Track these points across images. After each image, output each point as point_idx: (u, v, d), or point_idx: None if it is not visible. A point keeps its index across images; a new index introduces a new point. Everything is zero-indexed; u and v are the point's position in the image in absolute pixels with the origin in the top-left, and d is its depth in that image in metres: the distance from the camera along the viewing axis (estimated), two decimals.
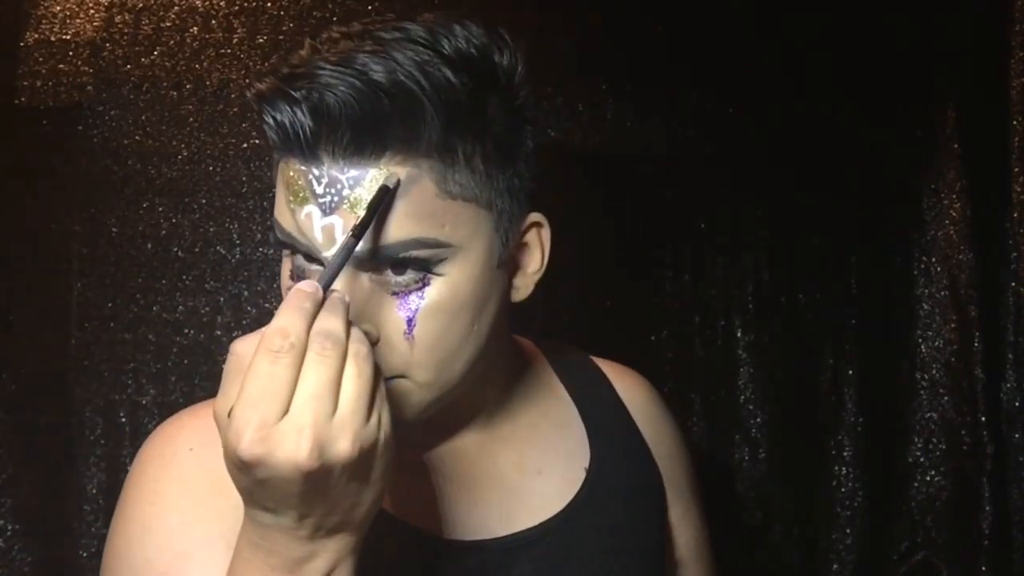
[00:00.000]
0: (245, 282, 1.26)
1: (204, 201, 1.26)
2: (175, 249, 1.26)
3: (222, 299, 1.26)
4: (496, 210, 0.75)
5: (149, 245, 1.25)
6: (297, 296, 0.62)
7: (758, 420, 1.34)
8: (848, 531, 1.34)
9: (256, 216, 1.26)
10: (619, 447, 0.92)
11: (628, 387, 0.98)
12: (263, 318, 1.25)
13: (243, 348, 0.62)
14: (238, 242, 1.26)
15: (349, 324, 0.63)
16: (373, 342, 0.71)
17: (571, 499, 0.86)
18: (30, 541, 1.22)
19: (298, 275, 0.74)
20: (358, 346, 0.62)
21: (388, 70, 0.68)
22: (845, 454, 1.34)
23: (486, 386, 0.83)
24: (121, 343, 1.25)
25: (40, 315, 1.25)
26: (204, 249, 1.26)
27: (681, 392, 1.33)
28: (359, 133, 0.68)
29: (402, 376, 0.73)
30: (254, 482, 0.61)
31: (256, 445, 0.59)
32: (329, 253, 0.70)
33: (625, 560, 0.88)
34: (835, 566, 1.34)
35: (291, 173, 0.71)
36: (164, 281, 1.26)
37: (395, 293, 0.72)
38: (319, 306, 0.62)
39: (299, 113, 0.68)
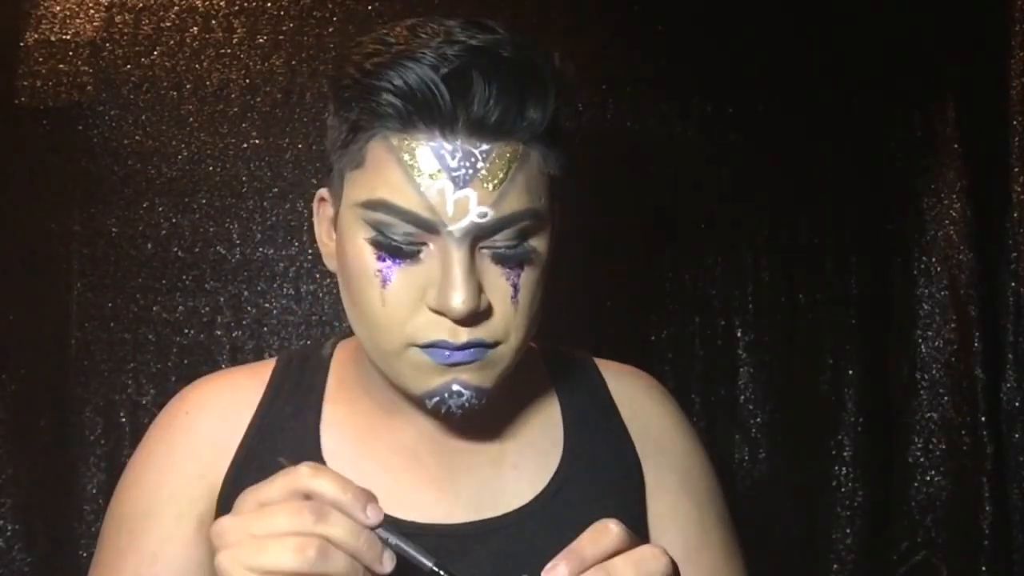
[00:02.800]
0: (245, 282, 1.26)
1: (204, 201, 1.26)
2: (175, 249, 1.26)
3: (222, 299, 1.26)
4: (559, 185, 0.79)
5: (149, 245, 1.26)
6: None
7: (758, 420, 1.34)
8: (848, 531, 1.34)
9: (256, 216, 1.26)
10: (596, 441, 0.92)
11: (622, 384, 0.97)
12: (263, 318, 1.26)
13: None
14: (238, 242, 1.26)
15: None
16: (488, 309, 0.75)
17: (540, 491, 0.86)
18: (30, 541, 1.22)
19: (391, 254, 0.74)
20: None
21: (521, 52, 0.72)
22: (845, 454, 1.34)
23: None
24: (121, 343, 1.25)
25: (40, 315, 1.25)
26: (204, 249, 1.26)
27: (681, 392, 1.33)
28: (499, 109, 0.71)
29: (501, 342, 0.76)
30: None
31: None
32: (456, 226, 0.72)
33: None
34: (835, 566, 1.34)
35: (415, 148, 0.72)
36: (164, 281, 1.26)
37: (499, 262, 0.75)
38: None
39: (441, 86, 0.70)
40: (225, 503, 0.82)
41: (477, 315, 0.74)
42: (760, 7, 1.32)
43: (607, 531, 0.69)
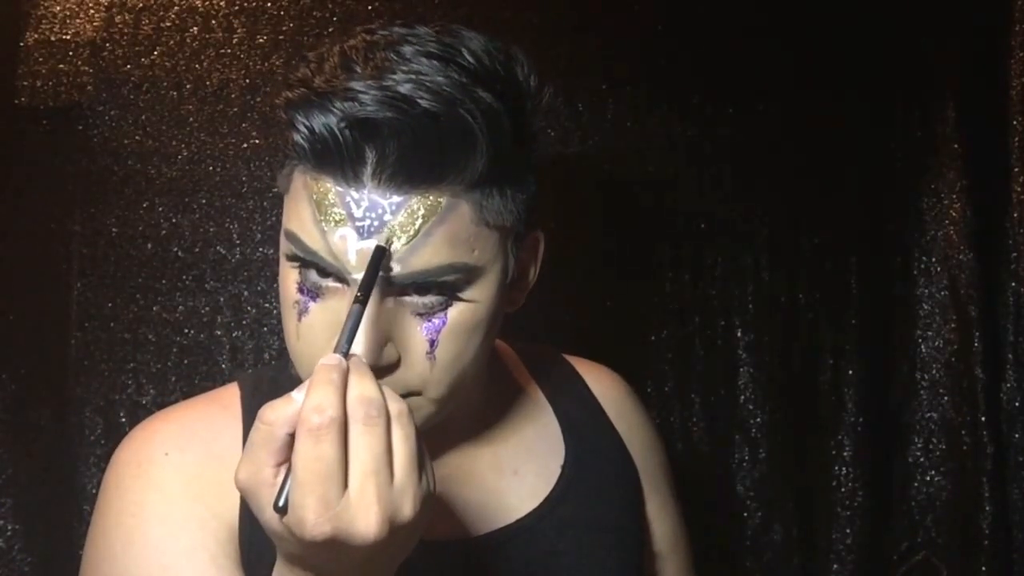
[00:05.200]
0: (245, 282, 1.26)
1: (204, 201, 1.26)
2: (175, 249, 1.26)
3: (222, 299, 1.26)
4: (513, 233, 0.75)
5: (149, 245, 1.25)
6: (324, 370, 0.61)
7: (758, 420, 1.34)
8: (848, 531, 1.34)
9: (256, 216, 1.26)
10: (594, 443, 0.93)
11: (601, 383, 0.99)
12: (263, 318, 1.26)
13: (272, 416, 0.61)
14: (238, 242, 1.26)
15: (379, 384, 0.62)
16: (394, 362, 0.71)
17: (546, 496, 0.86)
18: (30, 541, 1.22)
19: (309, 289, 0.73)
20: (399, 406, 0.61)
21: (443, 100, 0.66)
22: (845, 454, 1.34)
23: (469, 392, 0.83)
24: (121, 343, 1.25)
25: (40, 315, 1.25)
26: (204, 249, 1.26)
27: (681, 392, 1.33)
28: (411, 162, 0.67)
29: (417, 393, 0.73)
30: (316, 555, 0.61)
31: (322, 526, 0.58)
32: (360, 276, 0.68)
33: (602, 554, 0.88)
34: (835, 566, 1.34)
35: (324, 191, 0.69)
36: (164, 281, 1.26)
37: (419, 314, 0.71)
38: (346, 375, 0.61)
39: (346, 134, 0.67)
40: (248, 545, 0.78)
41: (380, 369, 0.70)
42: (760, 7, 1.32)
43: None
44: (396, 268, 0.69)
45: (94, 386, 1.25)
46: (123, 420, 1.24)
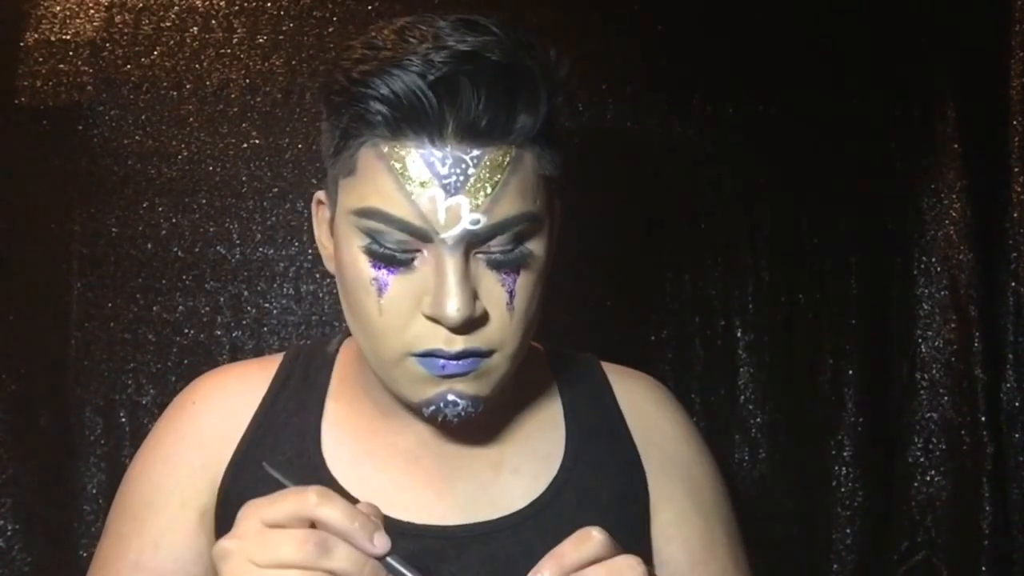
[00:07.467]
0: (245, 282, 1.26)
1: (204, 201, 1.26)
2: (175, 249, 1.26)
3: (222, 299, 1.26)
4: (558, 186, 0.79)
5: (149, 245, 1.26)
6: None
7: (758, 420, 1.34)
8: (848, 531, 1.34)
9: (256, 216, 1.26)
10: (598, 454, 0.90)
11: (628, 389, 0.95)
12: (263, 318, 1.26)
13: None
14: (238, 242, 1.26)
15: None
16: (483, 315, 0.74)
17: (535, 498, 0.85)
18: (30, 541, 1.22)
19: (386, 264, 0.74)
20: None
21: (510, 54, 0.71)
22: (845, 454, 1.34)
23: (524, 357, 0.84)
24: (121, 343, 1.25)
25: (40, 315, 1.25)
26: (204, 249, 1.26)
27: (681, 392, 1.33)
28: (487, 114, 0.71)
29: (495, 350, 0.76)
30: None
31: None
32: (448, 234, 0.71)
33: None
34: (835, 566, 1.34)
35: (405, 156, 0.72)
36: (164, 281, 1.26)
37: (495, 267, 0.74)
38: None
39: (428, 94, 0.69)
40: (226, 497, 0.83)
41: (472, 322, 0.73)
42: (760, 7, 1.32)
43: (589, 538, 0.69)
44: (482, 220, 0.72)
45: (94, 386, 1.25)
46: (123, 420, 1.24)
